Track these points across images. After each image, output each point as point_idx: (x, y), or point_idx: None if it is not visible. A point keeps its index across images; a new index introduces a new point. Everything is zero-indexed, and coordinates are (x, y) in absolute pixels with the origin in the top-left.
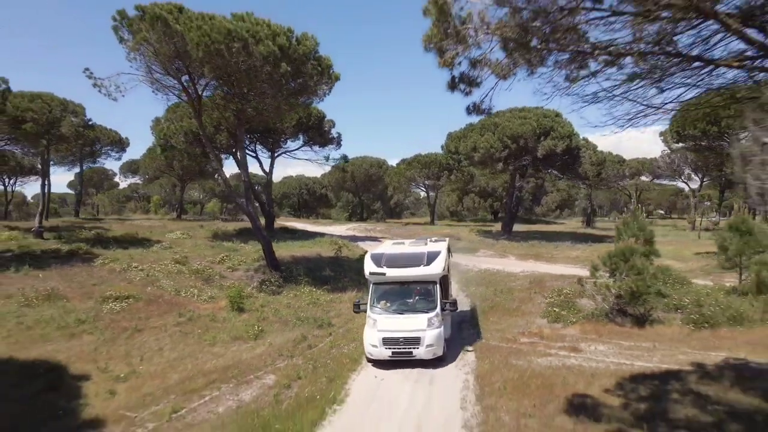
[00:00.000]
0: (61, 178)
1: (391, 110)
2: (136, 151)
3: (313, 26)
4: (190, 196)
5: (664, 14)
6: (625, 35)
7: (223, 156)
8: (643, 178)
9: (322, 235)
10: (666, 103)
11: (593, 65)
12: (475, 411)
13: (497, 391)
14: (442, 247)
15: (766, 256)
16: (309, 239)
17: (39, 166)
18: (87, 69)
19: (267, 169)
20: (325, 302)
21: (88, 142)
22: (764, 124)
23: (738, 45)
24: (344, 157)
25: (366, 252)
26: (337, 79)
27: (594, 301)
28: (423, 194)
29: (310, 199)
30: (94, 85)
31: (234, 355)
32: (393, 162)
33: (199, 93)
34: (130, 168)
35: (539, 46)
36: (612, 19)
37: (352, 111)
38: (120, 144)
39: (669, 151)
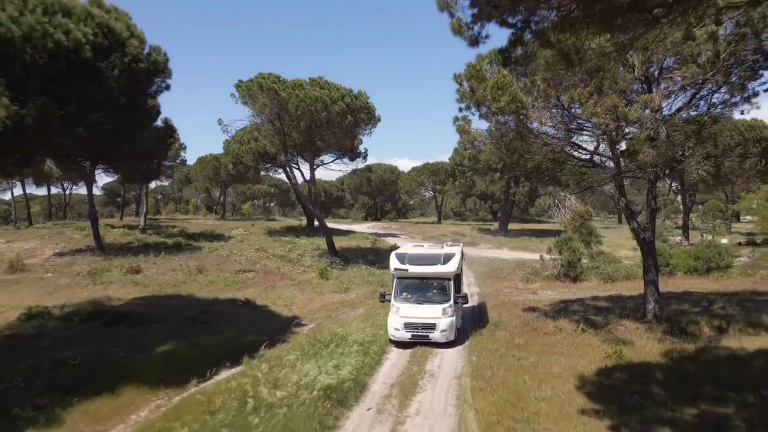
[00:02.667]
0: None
1: (398, 109)
2: None
3: (317, 26)
4: (217, 199)
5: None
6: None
7: (277, 168)
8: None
9: (353, 232)
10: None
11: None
12: (477, 312)
13: (489, 306)
14: (456, 250)
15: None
16: (344, 235)
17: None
18: (220, 120)
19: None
20: (378, 275)
21: (182, 160)
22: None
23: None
24: (368, 168)
25: (393, 246)
26: (379, 120)
27: (549, 269)
28: (428, 196)
29: (326, 201)
30: (223, 131)
31: (339, 298)
32: (396, 160)
33: (285, 131)
34: (164, 173)
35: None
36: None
37: None
38: (176, 156)
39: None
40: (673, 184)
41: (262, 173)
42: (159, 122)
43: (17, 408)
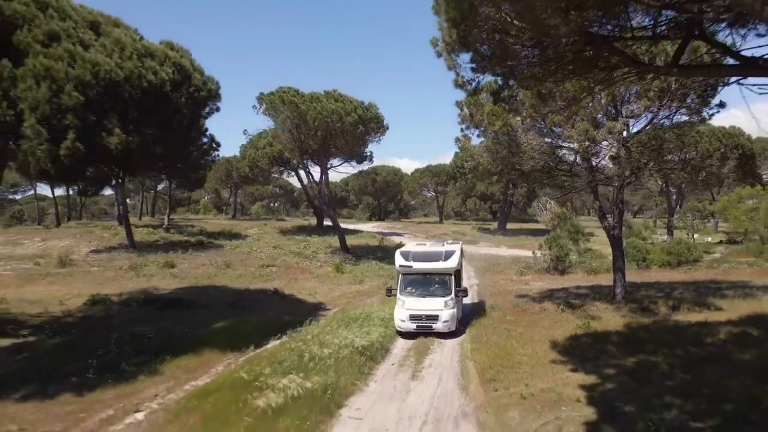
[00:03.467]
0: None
1: (398, 109)
2: None
3: (317, 26)
4: (226, 199)
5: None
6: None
7: (290, 171)
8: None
9: (360, 231)
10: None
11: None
12: (476, 299)
13: (487, 295)
14: (456, 248)
15: (631, 240)
16: (353, 234)
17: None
18: (245, 130)
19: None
20: (387, 269)
21: None
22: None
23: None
24: (374, 170)
25: (399, 244)
26: (387, 128)
27: (540, 263)
28: (429, 196)
29: (332, 201)
30: (247, 139)
31: (355, 289)
32: (397, 160)
33: (302, 139)
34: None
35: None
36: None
37: None
38: None
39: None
40: (665, 186)
41: (275, 176)
42: (205, 138)
43: (123, 364)
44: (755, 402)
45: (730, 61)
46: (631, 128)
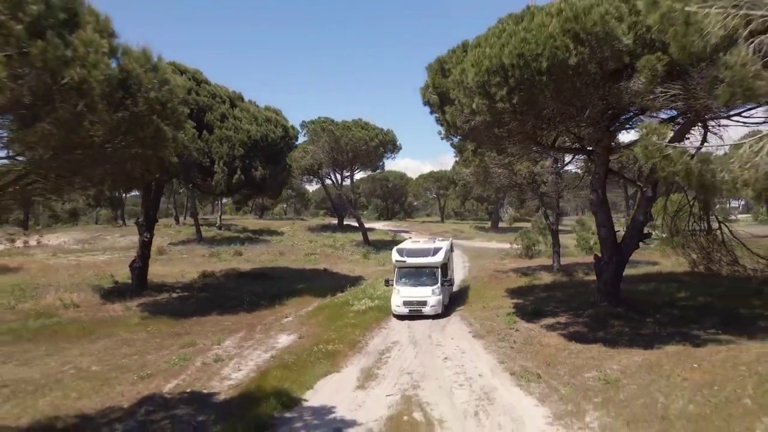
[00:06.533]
0: None
1: (398, 109)
2: None
3: (317, 26)
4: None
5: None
6: None
7: (318, 179)
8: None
9: (373, 229)
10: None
11: None
12: (467, 276)
13: (474, 271)
14: (444, 245)
15: (581, 235)
16: (369, 231)
17: None
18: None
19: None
20: None
21: None
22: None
23: None
24: (385, 176)
25: (402, 241)
26: (401, 148)
27: (515, 251)
28: (432, 197)
29: (348, 204)
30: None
31: (381, 269)
32: (398, 160)
33: (335, 157)
34: None
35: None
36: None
37: (354, 108)
38: None
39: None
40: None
41: (305, 183)
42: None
43: (262, 302)
44: (590, 304)
45: (577, 144)
46: (565, 160)
